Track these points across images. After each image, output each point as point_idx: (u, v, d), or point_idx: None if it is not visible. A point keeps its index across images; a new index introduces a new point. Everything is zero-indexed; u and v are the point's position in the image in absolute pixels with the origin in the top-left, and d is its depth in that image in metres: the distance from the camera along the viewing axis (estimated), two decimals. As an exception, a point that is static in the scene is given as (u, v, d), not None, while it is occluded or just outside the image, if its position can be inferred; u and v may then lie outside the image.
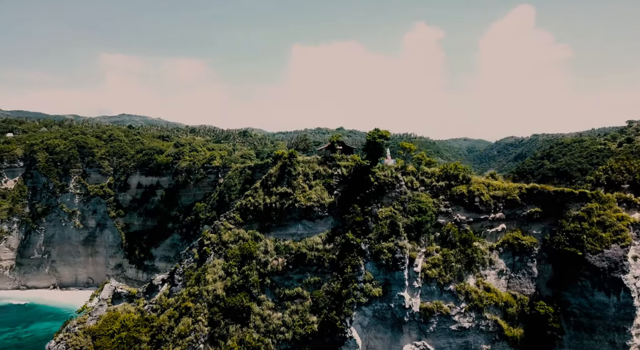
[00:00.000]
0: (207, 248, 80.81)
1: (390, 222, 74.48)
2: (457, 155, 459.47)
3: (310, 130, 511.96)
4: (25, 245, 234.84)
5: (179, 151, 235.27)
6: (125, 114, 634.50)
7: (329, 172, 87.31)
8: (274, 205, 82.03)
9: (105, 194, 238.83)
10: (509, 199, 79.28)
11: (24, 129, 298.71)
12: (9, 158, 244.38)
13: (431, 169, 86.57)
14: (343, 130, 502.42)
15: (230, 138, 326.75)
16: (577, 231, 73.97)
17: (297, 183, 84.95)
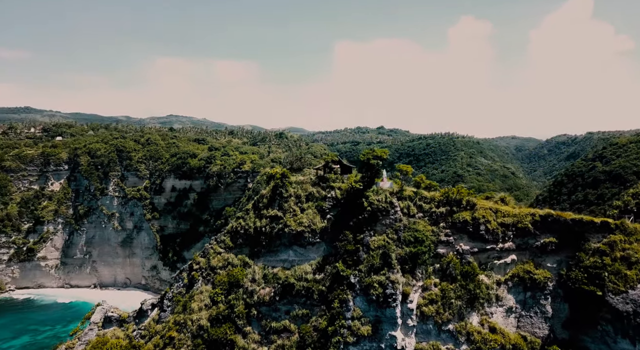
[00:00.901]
0: (196, 273, 78.85)
1: (383, 253, 69.03)
2: (503, 155, 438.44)
3: (350, 130, 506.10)
4: (69, 246, 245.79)
5: (211, 155, 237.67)
6: (173, 115, 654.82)
7: (322, 194, 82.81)
8: (263, 229, 78.71)
9: (142, 196, 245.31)
10: (519, 227, 71.53)
11: (72, 132, 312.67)
12: (55, 161, 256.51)
13: (431, 194, 79.92)
14: (383, 130, 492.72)
15: (267, 140, 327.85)
16: (598, 267, 65.40)
17: (289, 206, 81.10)
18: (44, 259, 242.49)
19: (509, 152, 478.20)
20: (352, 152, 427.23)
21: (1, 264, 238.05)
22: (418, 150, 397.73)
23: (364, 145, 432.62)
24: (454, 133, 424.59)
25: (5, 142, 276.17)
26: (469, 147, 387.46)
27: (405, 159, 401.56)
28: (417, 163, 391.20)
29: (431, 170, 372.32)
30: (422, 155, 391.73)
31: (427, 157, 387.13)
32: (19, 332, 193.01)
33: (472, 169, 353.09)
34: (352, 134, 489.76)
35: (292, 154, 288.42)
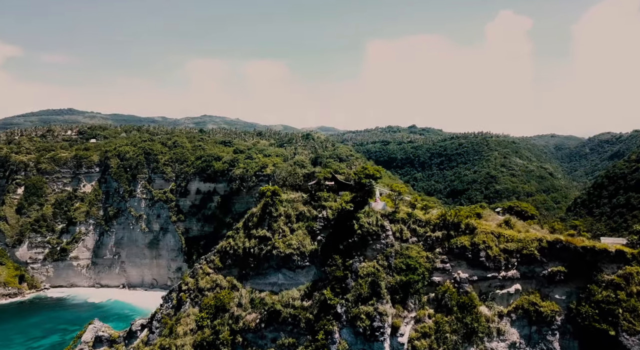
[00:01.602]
0: (184, 295, 77.15)
1: (372, 282, 64.84)
2: (540, 155, 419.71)
3: (380, 129, 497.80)
4: (99, 246, 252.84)
5: (234, 158, 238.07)
6: (207, 115, 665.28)
7: (313, 214, 79.07)
8: (252, 250, 75.96)
9: (168, 199, 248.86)
10: (525, 254, 65.70)
11: (105, 135, 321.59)
12: (87, 164, 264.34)
13: (426, 216, 74.62)
14: (415, 129, 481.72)
15: (293, 141, 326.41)
16: (611, 302, 59.01)
17: (278, 226, 77.87)
18: (76, 259, 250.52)
19: (548, 151, 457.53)
20: (382, 152, 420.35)
21: (37, 263, 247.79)
22: (450, 150, 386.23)
23: (394, 145, 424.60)
24: (487, 132, 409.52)
25: (42, 145, 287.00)
26: (503, 146, 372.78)
27: (437, 159, 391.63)
28: (448, 163, 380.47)
29: (463, 170, 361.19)
30: (454, 155, 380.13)
31: (459, 157, 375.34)
32: (49, 331, 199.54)
33: (506, 169, 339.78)
34: (382, 133, 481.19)
35: (319, 155, 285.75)
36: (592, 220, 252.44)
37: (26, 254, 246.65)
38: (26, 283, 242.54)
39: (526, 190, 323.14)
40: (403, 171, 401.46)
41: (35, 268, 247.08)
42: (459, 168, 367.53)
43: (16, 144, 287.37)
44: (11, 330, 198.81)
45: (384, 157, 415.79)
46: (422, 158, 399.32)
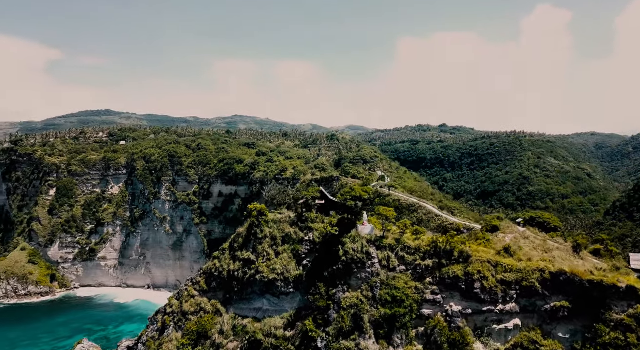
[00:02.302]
0: (168, 318, 75.43)
1: (354, 314, 60.85)
2: (579, 154, 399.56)
3: (410, 128, 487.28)
4: (126, 247, 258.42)
5: (255, 161, 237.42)
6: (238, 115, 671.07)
7: (299, 236, 75.41)
8: (236, 274, 73.26)
9: (191, 201, 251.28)
10: (525, 286, 60.03)
11: (134, 136, 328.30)
12: (115, 166, 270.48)
13: (416, 243, 69.34)
14: (445, 128, 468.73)
15: (318, 142, 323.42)
16: (620, 346, 52.89)
17: (263, 248, 74.77)
18: (104, 259, 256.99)
19: (587, 150, 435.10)
20: (411, 151, 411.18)
21: (67, 262, 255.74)
22: (481, 150, 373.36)
23: (423, 145, 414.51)
24: (520, 132, 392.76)
25: (74, 147, 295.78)
26: (538, 146, 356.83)
27: (467, 159, 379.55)
28: (479, 164, 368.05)
29: (494, 171, 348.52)
30: (485, 155, 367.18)
31: (491, 158, 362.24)
32: (75, 331, 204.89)
33: (540, 170, 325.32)
34: (412, 132, 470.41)
35: (343, 156, 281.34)
36: (632, 225, 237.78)
37: (57, 254, 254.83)
38: (57, 282, 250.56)
39: (561, 192, 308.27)
40: (432, 171, 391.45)
41: (66, 267, 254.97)
42: (490, 169, 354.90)
43: (50, 146, 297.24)
44: (40, 329, 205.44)
45: (412, 157, 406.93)
46: (452, 158, 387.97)
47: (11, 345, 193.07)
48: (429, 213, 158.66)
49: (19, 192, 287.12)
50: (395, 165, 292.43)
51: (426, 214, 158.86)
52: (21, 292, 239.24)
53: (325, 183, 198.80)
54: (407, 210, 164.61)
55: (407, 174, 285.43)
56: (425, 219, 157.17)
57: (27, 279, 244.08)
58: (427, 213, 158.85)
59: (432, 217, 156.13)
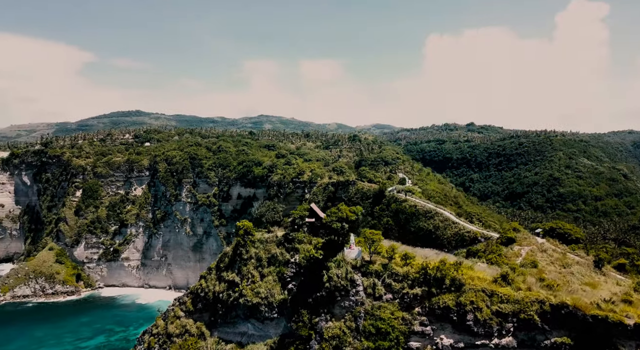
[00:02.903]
0: (153, 339, 74.00)
1: (335, 347, 57.35)
2: (615, 153, 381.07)
3: (437, 127, 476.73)
4: (148, 248, 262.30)
5: (274, 164, 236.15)
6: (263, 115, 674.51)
7: (285, 258, 72.22)
8: (221, 296, 70.90)
9: (211, 203, 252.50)
10: (523, 319, 55.11)
11: (159, 138, 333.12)
12: (138, 168, 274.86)
13: (404, 269, 64.62)
14: (473, 127, 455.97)
15: (339, 143, 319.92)
16: (627, 386, 47.72)
17: (247, 270, 72.08)
18: (127, 260, 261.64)
19: (624, 149, 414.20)
20: (436, 151, 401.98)
21: (92, 262, 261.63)
22: (509, 150, 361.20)
23: (450, 145, 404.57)
24: (551, 131, 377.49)
25: (100, 149, 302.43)
26: (569, 146, 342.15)
27: (495, 159, 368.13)
28: (507, 164, 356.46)
29: (523, 172, 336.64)
30: (513, 155, 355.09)
31: (519, 158, 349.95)
32: (96, 332, 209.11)
33: (571, 171, 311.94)
34: (438, 131, 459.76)
35: (364, 158, 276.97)
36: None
37: (83, 254, 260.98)
38: (82, 282, 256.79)
39: (594, 193, 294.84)
40: (459, 172, 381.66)
41: (91, 267, 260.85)
42: (519, 169, 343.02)
43: (78, 148, 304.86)
44: (64, 329, 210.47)
45: (438, 157, 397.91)
46: (479, 158, 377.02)
47: (38, 343, 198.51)
48: (445, 220, 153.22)
49: (49, 193, 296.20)
50: (418, 167, 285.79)
51: (443, 220, 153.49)
52: (48, 291, 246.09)
53: (341, 187, 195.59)
54: (423, 216, 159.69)
55: (430, 176, 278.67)
56: (442, 226, 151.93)
57: (54, 279, 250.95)
58: (444, 220, 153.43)
59: (449, 224, 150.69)
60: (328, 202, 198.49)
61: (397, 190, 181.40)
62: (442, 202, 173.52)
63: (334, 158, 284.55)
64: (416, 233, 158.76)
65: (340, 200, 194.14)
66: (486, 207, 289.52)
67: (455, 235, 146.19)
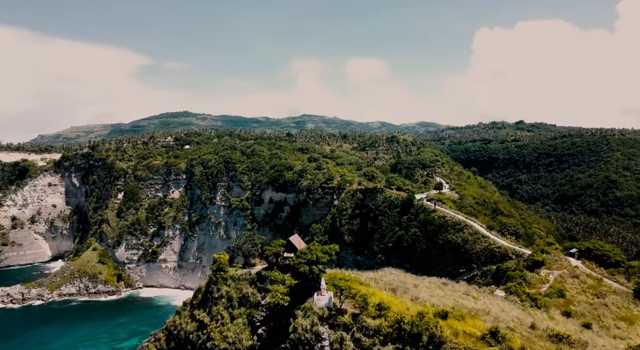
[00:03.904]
0: None
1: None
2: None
3: (483, 125, 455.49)
4: (184, 250, 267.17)
5: (304, 168, 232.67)
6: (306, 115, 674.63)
7: (256, 299, 67.11)
8: (191, 336, 67.08)
9: (244, 207, 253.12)
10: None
11: (198, 141, 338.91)
12: (175, 171, 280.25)
13: (377, 321, 56.32)
14: (522, 125, 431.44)
15: (376, 144, 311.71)
16: None
17: (218, 310, 67.75)
18: (165, 261, 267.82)
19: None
20: (482, 151, 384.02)
21: (132, 263, 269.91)
22: (561, 150, 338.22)
23: (496, 144, 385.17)
24: (609, 129, 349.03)
25: (142, 152, 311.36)
26: (628, 145, 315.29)
27: (545, 159, 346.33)
28: (558, 165, 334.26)
29: (576, 173, 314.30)
30: (565, 155, 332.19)
31: (572, 158, 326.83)
32: (132, 333, 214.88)
33: (630, 173, 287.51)
34: (484, 130, 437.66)
35: (399, 160, 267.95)
36: None
37: (123, 255, 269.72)
38: (123, 282, 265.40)
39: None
40: (505, 173, 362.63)
41: (131, 268, 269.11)
42: (571, 170, 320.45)
43: (121, 151, 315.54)
44: (102, 329, 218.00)
45: (483, 157, 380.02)
46: (528, 158, 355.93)
47: (77, 342, 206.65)
48: (475, 233, 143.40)
49: (95, 195, 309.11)
50: (458, 169, 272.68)
51: (472, 234, 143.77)
52: (91, 290, 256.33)
53: (369, 194, 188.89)
54: (452, 228, 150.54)
55: (471, 179, 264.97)
56: (471, 239, 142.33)
57: (97, 278, 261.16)
58: (474, 233, 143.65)
59: (479, 238, 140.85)
60: (356, 209, 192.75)
61: (426, 198, 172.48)
62: (475, 212, 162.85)
63: (369, 160, 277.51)
64: (444, 246, 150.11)
65: (367, 208, 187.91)
66: (532, 212, 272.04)
67: (485, 250, 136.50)
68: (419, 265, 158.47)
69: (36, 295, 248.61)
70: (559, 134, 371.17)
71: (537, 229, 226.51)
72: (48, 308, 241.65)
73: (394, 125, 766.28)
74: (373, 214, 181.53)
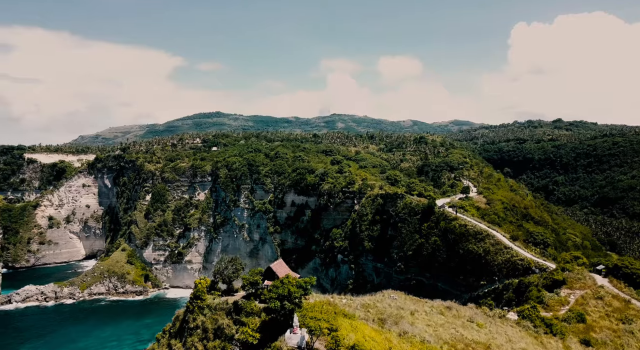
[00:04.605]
0: None
1: None
2: None
3: (519, 124, 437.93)
4: (209, 252, 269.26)
5: (325, 172, 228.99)
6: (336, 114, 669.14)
7: (231, 333, 63.65)
8: None
9: (267, 210, 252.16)
10: None
11: (225, 142, 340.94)
12: (201, 173, 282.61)
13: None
14: (561, 123, 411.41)
15: (404, 145, 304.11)
16: None
17: (192, 342, 64.71)
18: (190, 263, 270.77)
19: None
20: (516, 151, 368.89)
21: (159, 264, 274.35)
22: (601, 150, 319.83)
23: (531, 144, 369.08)
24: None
25: (170, 154, 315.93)
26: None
27: (584, 160, 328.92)
28: (598, 165, 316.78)
29: (617, 175, 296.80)
30: (605, 155, 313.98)
31: (613, 159, 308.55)
32: (155, 335, 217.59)
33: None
34: (520, 129, 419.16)
35: (426, 163, 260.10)
36: None
37: (151, 255, 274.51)
38: (150, 282, 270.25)
39: None
40: (541, 174, 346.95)
41: (158, 269, 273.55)
42: (612, 171, 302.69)
43: (150, 153, 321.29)
44: (127, 330, 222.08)
45: (518, 158, 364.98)
46: (566, 159, 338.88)
47: (101, 343, 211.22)
48: (497, 243, 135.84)
49: (125, 196, 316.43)
50: (488, 171, 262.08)
51: (494, 244, 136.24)
52: (120, 290, 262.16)
53: (390, 200, 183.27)
54: (473, 238, 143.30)
55: (502, 182, 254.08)
56: (493, 250, 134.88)
57: (125, 278, 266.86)
58: (495, 243, 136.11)
59: (501, 249, 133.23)
60: (376, 215, 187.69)
61: (448, 205, 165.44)
62: (499, 220, 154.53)
63: (395, 162, 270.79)
64: (464, 256, 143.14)
65: (388, 214, 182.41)
66: (567, 216, 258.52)
67: (507, 262, 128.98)
68: (439, 275, 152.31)
69: (68, 294, 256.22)
70: (600, 133, 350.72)
71: (572, 234, 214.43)
72: (79, 307, 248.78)
73: (426, 123, 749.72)
74: (393, 221, 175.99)
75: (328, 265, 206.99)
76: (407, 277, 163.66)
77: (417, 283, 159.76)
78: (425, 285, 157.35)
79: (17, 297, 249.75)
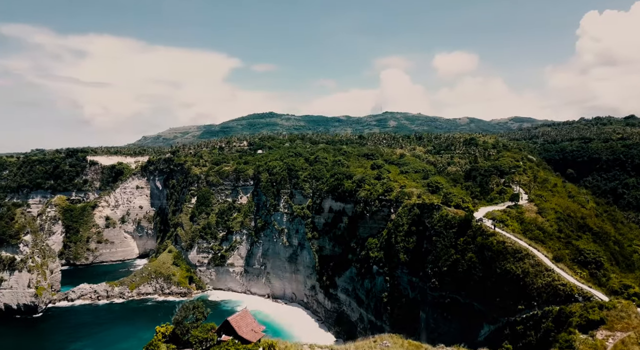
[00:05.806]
0: None
1: None
2: None
3: (585, 121, 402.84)
4: (250, 256, 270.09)
5: (362, 178, 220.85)
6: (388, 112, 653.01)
7: None
8: None
9: (305, 215, 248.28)
10: None
11: (271, 145, 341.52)
12: (244, 177, 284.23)
13: None
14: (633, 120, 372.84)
15: (452, 147, 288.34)
16: None
17: None
18: (232, 266, 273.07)
19: None
20: (580, 151, 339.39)
21: (203, 266, 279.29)
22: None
23: (598, 143, 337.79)
24: None
25: (215, 158, 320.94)
26: None
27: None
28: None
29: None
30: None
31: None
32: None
33: None
34: (586, 126, 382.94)
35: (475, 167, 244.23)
36: None
37: (195, 257, 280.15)
38: (194, 284, 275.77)
39: None
40: (609, 175, 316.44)
41: (202, 271, 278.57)
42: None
43: (198, 157, 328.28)
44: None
45: (582, 158, 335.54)
46: (638, 159, 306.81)
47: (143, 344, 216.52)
48: (537, 264, 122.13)
49: (174, 198, 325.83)
50: (543, 175, 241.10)
51: (534, 265, 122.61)
52: (166, 291, 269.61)
53: (426, 211, 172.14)
54: (511, 256, 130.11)
55: (558, 187, 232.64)
56: (532, 272, 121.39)
57: (171, 279, 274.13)
58: (536, 264, 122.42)
59: (541, 271, 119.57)
60: (412, 226, 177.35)
61: (488, 217, 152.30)
62: (544, 237, 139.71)
63: (442, 166, 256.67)
64: (502, 276, 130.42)
65: (424, 225, 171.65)
66: (635, 226, 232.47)
67: (547, 286, 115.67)
68: (475, 295, 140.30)
69: (118, 293, 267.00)
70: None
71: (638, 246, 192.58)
72: (127, 306, 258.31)
73: (484, 121, 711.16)
74: (428, 233, 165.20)
75: (364, 275, 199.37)
76: (441, 294, 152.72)
77: (452, 301, 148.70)
78: (460, 304, 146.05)
79: (73, 295, 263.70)
